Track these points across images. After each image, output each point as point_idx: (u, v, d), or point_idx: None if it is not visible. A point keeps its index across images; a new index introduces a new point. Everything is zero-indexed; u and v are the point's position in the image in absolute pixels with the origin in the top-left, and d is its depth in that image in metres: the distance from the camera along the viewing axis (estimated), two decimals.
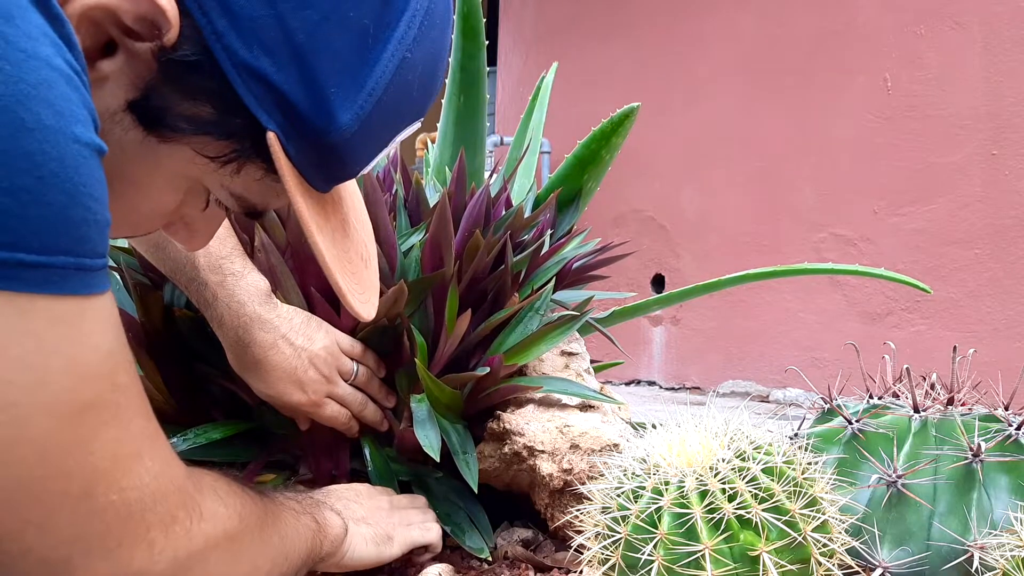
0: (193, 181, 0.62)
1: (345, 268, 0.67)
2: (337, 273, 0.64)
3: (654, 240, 3.23)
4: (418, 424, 0.99)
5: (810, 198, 2.82)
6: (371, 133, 0.61)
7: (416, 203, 1.13)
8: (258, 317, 0.94)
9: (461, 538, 1.01)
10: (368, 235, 0.75)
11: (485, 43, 1.23)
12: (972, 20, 2.45)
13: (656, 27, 3.27)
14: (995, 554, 0.75)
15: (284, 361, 0.95)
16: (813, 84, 2.80)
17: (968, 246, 2.46)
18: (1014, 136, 2.38)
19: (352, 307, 0.67)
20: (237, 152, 0.59)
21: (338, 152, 0.60)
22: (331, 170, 0.63)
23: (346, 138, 0.59)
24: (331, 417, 1.00)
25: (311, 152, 0.59)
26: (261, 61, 0.55)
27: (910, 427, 0.87)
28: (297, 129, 0.58)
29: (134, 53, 0.55)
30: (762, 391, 2.89)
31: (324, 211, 0.65)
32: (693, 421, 0.80)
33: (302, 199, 0.61)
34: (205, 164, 0.60)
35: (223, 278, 0.93)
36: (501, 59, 3.90)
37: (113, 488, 0.53)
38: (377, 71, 0.58)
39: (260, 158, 0.60)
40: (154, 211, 0.65)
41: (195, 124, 0.57)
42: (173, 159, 0.59)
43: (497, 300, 1.10)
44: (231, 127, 0.58)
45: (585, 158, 1.31)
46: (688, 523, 0.72)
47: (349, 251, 0.68)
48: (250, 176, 0.61)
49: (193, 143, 0.58)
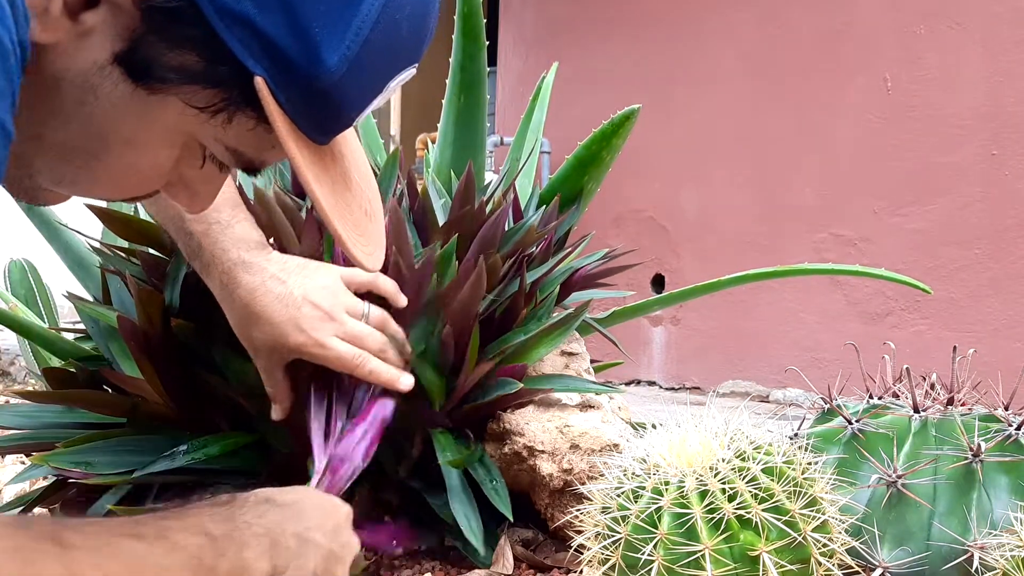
0: (187, 136, 0.61)
1: (347, 219, 0.65)
2: (336, 221, 0.63)
3: (654, 240, 3.23)
4: (453, 495, 0.98)
5: (810, 198, 2.82)
6: (362, 76, 0.60)
7: (423, 213, 1.13)
8: (242, 261, 0.89)
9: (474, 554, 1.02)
10: (373, 191, 0.72)
11: (485, 44, 1.23)
12: (972, 20, 2.45)
13: (656, 27, 3.27)
14: (995, 554, 0.75)
15: (274, 300, 0.88)
16: (813, 84, 2.80)
17: (968, 246, 2.46)
18: (1014, 136, 2.38)
19: (355, 256, 0.65)
20: (226, 101, 0.58)
21: (329, 97, 0.59)
22: (325, 117, 0.61)
23: (335, 81, 0.58)
24: (338, 357, 0.88)
25: (301, 98, 0.58)
26: (243, 5, 0.54)
27: (910, 427, 0.87)
28: (285, 74, 0.57)
29: (116, 3, 0.54)
30: (762, 391, 2.89)
31: (323, 163, 0.63)
32: (693, 421, 0.80)
33: (295, 146, 0.60)
34: (195, 115, 0.59)
35: (207, 227, 0.90)
36: (501, 59, 3.90)
37: None
38: (363, 10, 0.57)
39: (250, 107, 0.59)
40: (152, 170, 0.63)
41: (182, 74, 0.57)
42: (165, 111, 0.59)
43: (507, 315, 1.10)
44: (218, 75, 0.57)
45: (586, 159, 1.31)
46: (688, 523, 0.72)
47: (351, 204, 0.66)
48: (242, 127, 0.60)
49: (182, 94, 0.58)
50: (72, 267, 1.25)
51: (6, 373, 3.04)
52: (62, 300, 1.36)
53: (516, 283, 1.07)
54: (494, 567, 0.99)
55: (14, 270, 2.04)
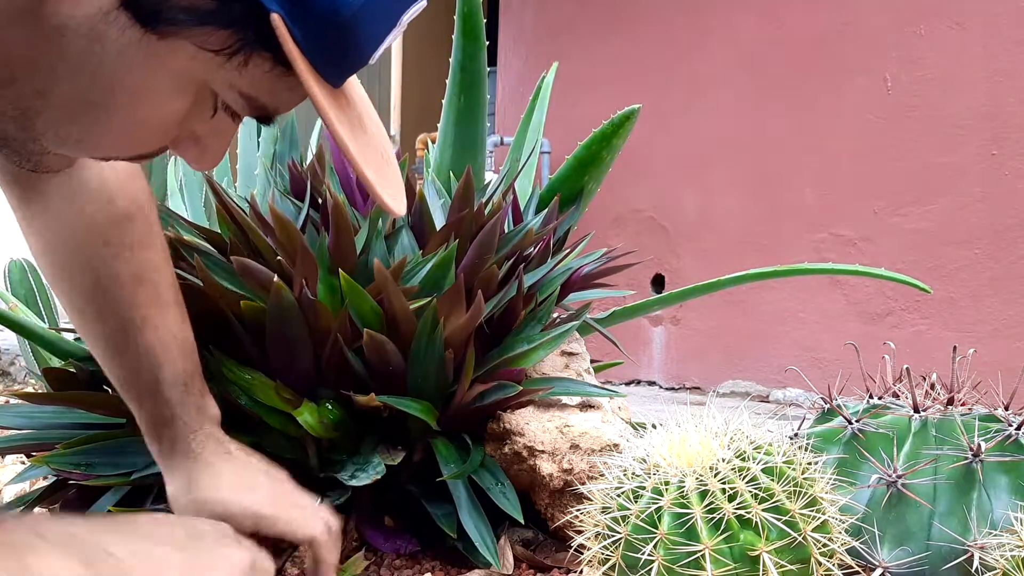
0: (199, 83, 0.59)
1: (370, 162, 0.62)
2: (363, 164, 0.60)
3: (654, 240, 3.23)
4: (462, 509, 0.99)
5: (810, 198, 2.82)
6: (378, 7, 0.57)
7: (420, 218, 1.12)
8: (215, 436, 0.86)
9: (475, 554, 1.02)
10: (383, 135, 0.70)
11: (485, 44, 1.23)
12: (972, 20, 2.45)
13: (656, 27, 3.27)
14: (995, 554, 0.75)
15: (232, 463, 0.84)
16: (813, 84, 2.80)
17: (968, 246, 2.46)
18: (1014, 136, 2.38)
19: (382, 199, 0.62)
20: (241, 42, 0.56)
21: (347, 30, 0.56)
22: (343, 54, 0.58)
23: (353, 13, 0.55)
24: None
25: (320, 34, 0.55)
26: None
27: (910, 427, 0.87)
28: (302, 9, 0.54)
29: None
30: (762, 391, 2.89)
31: (340, 105, 0.61)
32: (693, 421, 0.80)
33: (316, 84, 0.57)
34: (209, 59, 0.56)
35: (185, 397, 0.86)
36: (501, 59, 3.90)
37: None
38: None
39: (266, 48, 0.56)
40: (161, 122, 0.60)
41: (193, 15, 0.54)
42: (175, 57, 0.56)
43: (505, 317, 1.10)
44: (233, 14, 0.54)
45: (586, 159, 1.31)
46: (688, 523, 0.72)
47: (369, 146, 0.64)
48: (258, 69, 0.57)
49: (194, 36, 0.55)
50: None
51: (6, 373, 3.04)
52: None
53: (515, 287, 1.07)
54: (494, 567, 0.99)
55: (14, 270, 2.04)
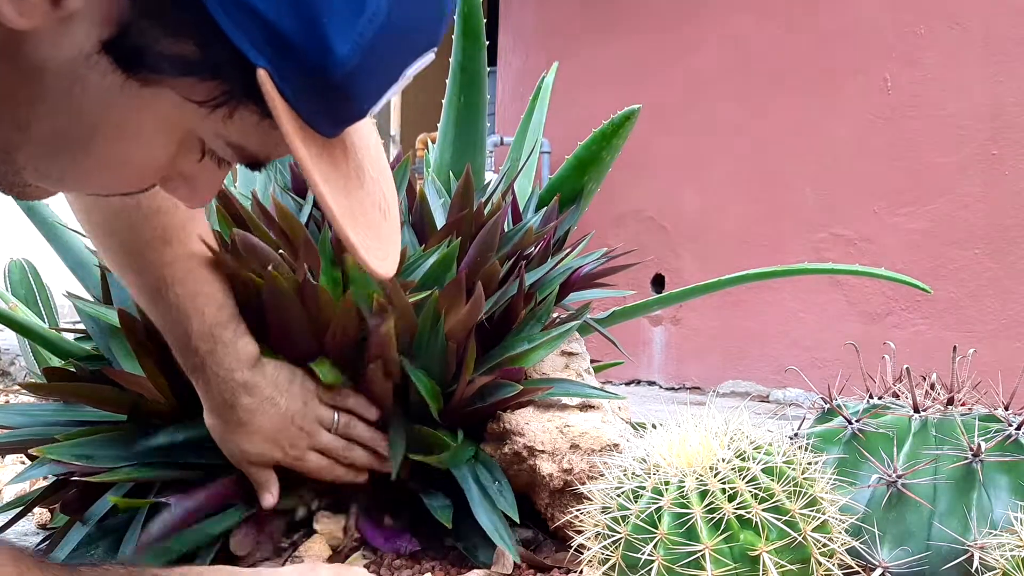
0: (185, 131, 0.57)
1: (359, 221, 0.58)
2: (348, 227, 0.56)
3: (654, 240, 3.23)
4: (475, 504, 0.99)
5: (810, 198, 2.82)
6: (376, 64, 0.54)
7: (420, 216, 1.13)
8: (244, 383, 0.94)
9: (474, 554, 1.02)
10: (388, 184, 0.66)
11: (485, 44, 1.23)
12: (972, 20, 2.45)
13: (656, 27, 3.27)
14: (995, 554, 0.75)
15: (268, 422, 0.96)
16: (813, 84, 2.80)
17: (968, 246, 2.46)
18: (1014, 136, 2.38)
19: (367, 263, 0.58)
20: (227, 94, 0.53)
21: (340, 89, 0.53)
22: (335, 110, 0.55)
23: (347, 72, 0.52)
24: (315, 469, 1.00)
25: (310, 91, 0.52)
26: None
27: (910, 427, 0.87)
28: (291, 65, 0.51)
29: None
30: (762, 391, 2.89)
31: (332, 158, 0.57)
32: (693, 421, 0.80)
33: (302, 144, 0.54)
34: (194, 109, 0.54)
35: (213, 346, 0.93)
36: (501, 59, 3.90)
37: None
38: None
39: (253, 100, 0.53)
40: (146, 164, 0.59)
41: (178, 64, 0.51)
42: (159, 104, 0.54)
43: (505, 316, 1.10)
44: (218, 66, 0.52)
45: (586, 159, 1.31)
46: (688, 523, 0.72)
47: (364, 202, 0.60)
48: (245, 121, 0.55)
49: (178, 86, 0.53)
50: (72, 267, 1.25)
51: (6, 373, 3.04)
52: (62, 300, 1.36)
53: (515, 285, 1.07)
54: (494, 567, 0.99)
55: (14, 270, 2.04)
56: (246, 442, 0.96)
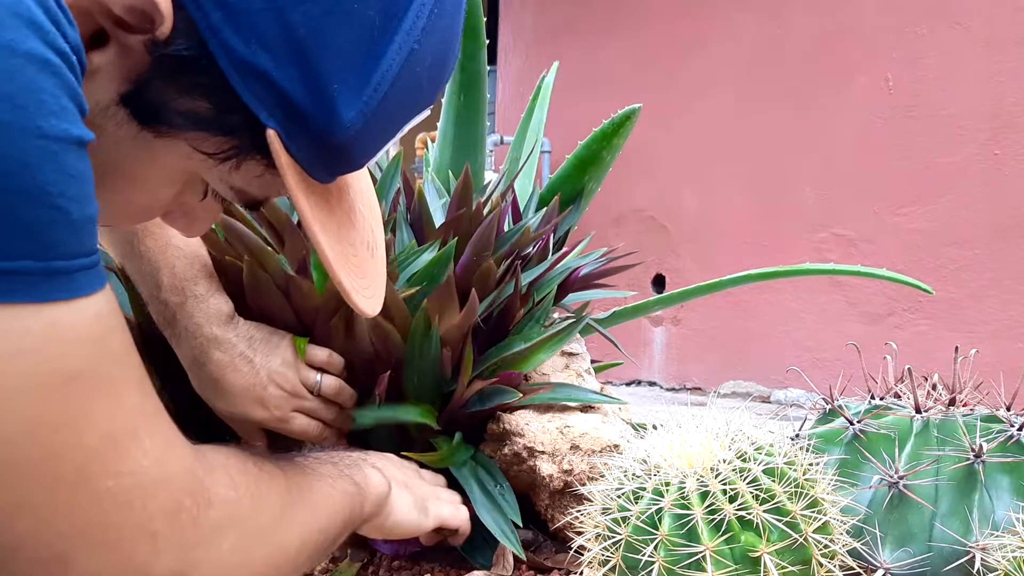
0: (191, 174, 0.60)
1: (350, 263, 0.63)
2: (341, 272, 0.61)
3: (654, 240, 3.23)
4: (479, 506, 0.98)
5: (810, 198, 2.82)
6: (377, 128, 0.58)
7: (418, 215, 1.12)
8: (215, 338, 0.93)
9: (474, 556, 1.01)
10: (376, 220, 0.71)
11: (485, 43, 1.22)
12: (972, 20, 2.44)
13: (656, 27, 3.27)
14: (997, 555, 0.75)
15: (242, 379, 0.94)
16: (813, 84, 2.80)
17: (969, 246, 2.46)
18: (1014, 136, 2.38)
19: (357, 306, 0.64)
20: (236, 149, 0.57)
21: (342, 149, 0.58)
22: (335, 165, 0.60)
23: (351, 136, 0.56)
24: (301, 431, 0.98)
25: (314, 149, 0.57)
26: (260, 57, 0.52)
27: (912, 428, 0.87)
28: (298, 126, 0.55)
29: (126, 46, 0.52)
30: (763, 392, 2.89)
31: (328, 203, 0.62)
32: (694, 422, 0.79)
33: (304, 197, 0.58)
34: (203, 160, 0.57)
35: (183, 299, 0.92)
36: (501, 59, 3.90)
37: (108, 473, 0.50)
38: (383, 65, 0.55)
39: (260, 154, 0.57)
40: (151, 204, 0.63)
41: (191, 120, 0.55)
42: (169, 154, 0.57)
43: (503, 316, 1.09)
44: (229, 123, 0.55)
45: (586, 159, 1.31)
46: (689, 524, 0.72)
47: (355, 242, 0.65)
48: (250, 172, 0.59)
49: (190, 139, 0.56)
50: None
51: None
52: None
53: (511, 285, 1.07)
54: (494, 568, 0.99)
55: None
56: (221, 400, 0.94)
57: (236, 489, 0.60)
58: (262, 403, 0.95)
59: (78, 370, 0.48)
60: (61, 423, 0.48)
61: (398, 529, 0.85)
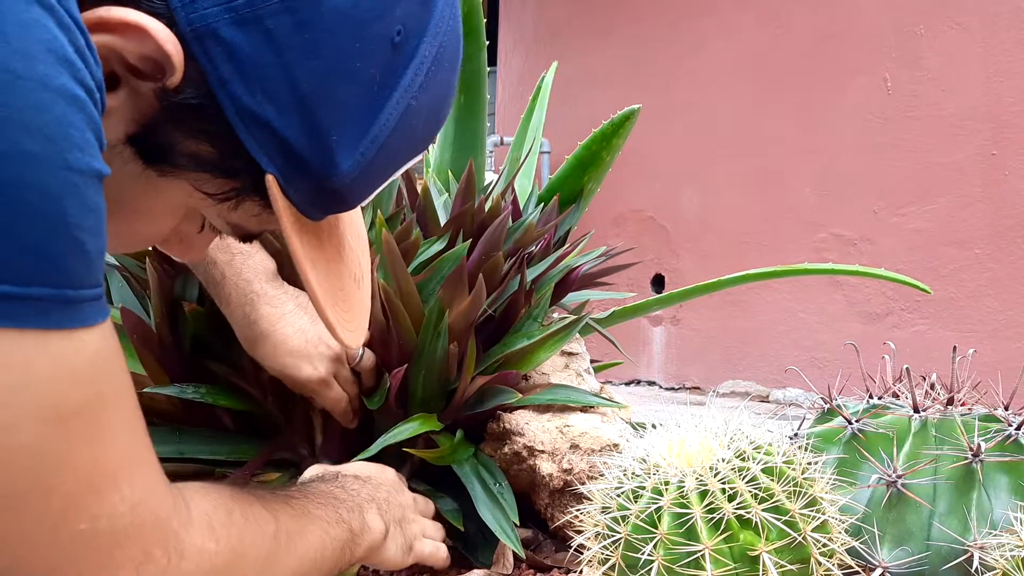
0: (191, 209, 0.63)
1: (337, 297, 0.66)
2: (327, 308, 0.64)
3: (654, 240, 3.23)
4: (480, 503, 0.99)
5: (810, 198, 2.82)
6: (373, 174, 0.61)
7: (423, 213, 1.13)
8: (264, 293, 0.95)
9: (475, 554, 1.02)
10: (363, 249, 0.75)
11: (485, 43, 1.23)
12: (972, 20, 2.45)
13: (656, 27, 3.27)
14: (995, 554, 0.75)
15: (293, 333, 0.95)
16: (813, 84, 2.80)
17: (968, 246, 2.46)
18: (1014, 136, 2.38)
19: (341, 340, 0.67)
20: (236, 190, 0.59)
21: (338, 193, 0.60)
22: (330, 206, 0.63)
23: (347, 182, 0.59)
24: (334, 400, 0.99)
25: (310, 193, 0.59)
26: (264, 108, 0.54)
27: (910, 427, 0.87)
28: (297, 172, 0.58)
29: (137, 91, 0.54)
30: (762, 391, 2.89)
31: (319, 239, 0.65)
32: (693, 421, 0.80)
33: (297, 237, 0.61)
34: (203, 198, 0.60)
35: (231, 257, 0.95)
36: (501, 59, 3.90)
37: (83, 515, 0.50)
38: (381, 118, 0.58)
39: (258, 195, 0.60)
40: (152, 233, 0.65)
41: (195, 162, 0.57)
42: (172, 192, 0.59)
43: (506, 313, 1.10)
44: (231, 167, 0.58)
45: (586, 159, 1.31)
46: (688, 523, 0.72)
47: (343, 275, 0.68)
48: (248, 211, 0.61)
49: (192, 179, 0.58)
50: None
51: None
52: None
53: (516, 281, 1.07)
54: (494, 567, 0.99)
55: None
56: (271, 357, 0.95)
57: (217, 541, 0.60)
58: (310, 360, 0.96)
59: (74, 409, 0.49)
60: (55, 459, 0.49)
61: (381, 566, 0.87)
